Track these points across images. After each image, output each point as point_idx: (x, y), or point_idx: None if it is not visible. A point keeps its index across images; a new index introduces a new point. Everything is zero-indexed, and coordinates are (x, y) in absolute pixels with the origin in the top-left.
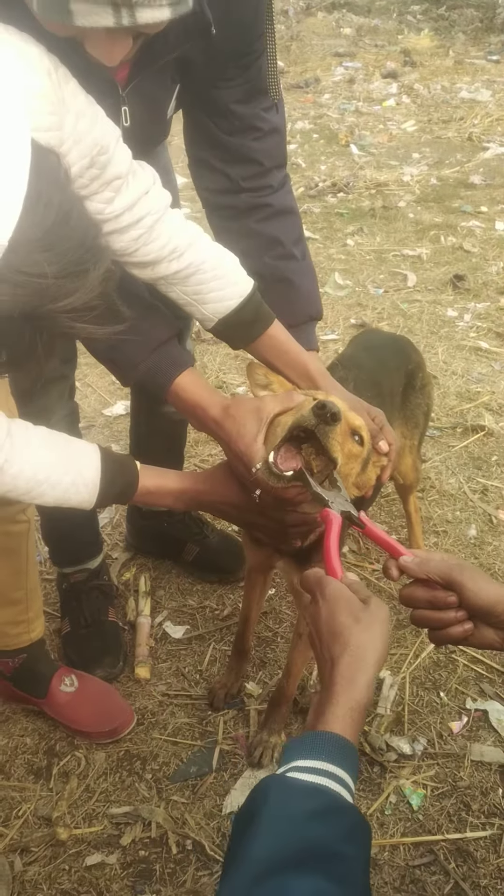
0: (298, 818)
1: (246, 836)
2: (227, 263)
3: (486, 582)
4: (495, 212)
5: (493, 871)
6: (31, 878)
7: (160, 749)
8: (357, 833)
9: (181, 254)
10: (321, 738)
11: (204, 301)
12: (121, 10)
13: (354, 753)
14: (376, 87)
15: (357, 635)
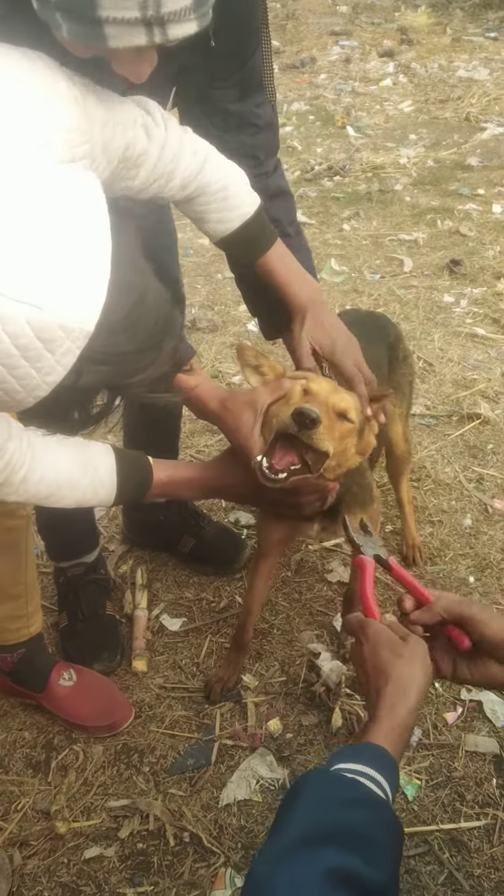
0: (336, 802)
1: (288, 812)
2: (232, 185)
3: (494, 617)
4: (492, 194)
5: (486, 860)
6: (30, 872)
7: (158, 742)
8: (388, 828)
9: (190, 181)
10: (363, 747)
11: (206, 220)
12: (153, 28)
13: (394, 765)
14: (373, 66)
15: (399, 668)
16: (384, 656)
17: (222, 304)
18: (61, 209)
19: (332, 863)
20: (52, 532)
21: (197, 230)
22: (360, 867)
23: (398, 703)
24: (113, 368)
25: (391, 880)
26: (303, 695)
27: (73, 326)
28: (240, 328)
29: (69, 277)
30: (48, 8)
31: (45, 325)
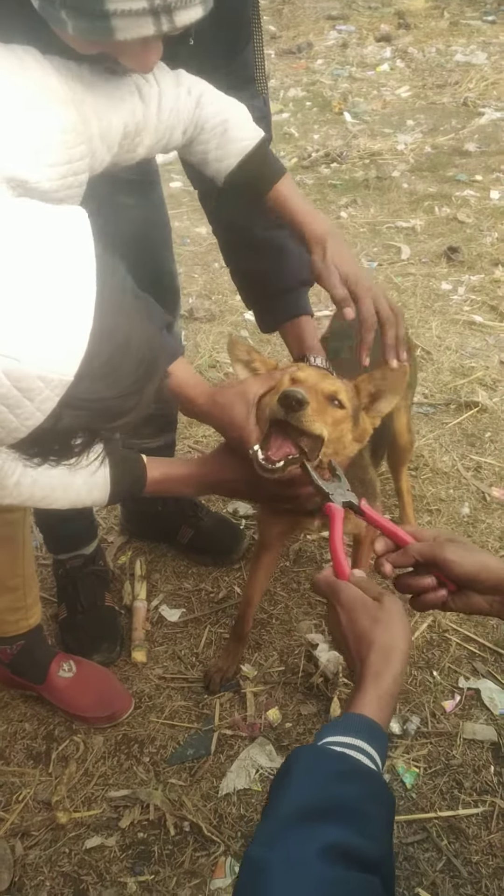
0: (326, 777)
1: (279, 791)
2: (231, 118)
3: (467, 553)
4: (490, 180)
5: (484, 847)
6: (31, 862)
7: (157, 732)
8: (380, 798)
9: (189, 122)
10: (349, 718)
11: (207, 161)
12: (160, 16)
13: (381, 733)
14: (370, 51)
15: (380, 635)
16: (363, 624)
17: (219, 294)
18: (43, 256)
19: (327, 839)
20: (49, 525)
21: (193, 219)
22: (355, 841)
23: (382, 670)
24: (93, 413)
25: (386, 851)
26: (301, 684)
27: (52, 377)
28: (237, 317)
29: (49, 328)
30: (52, 6)
31: (24, 375)
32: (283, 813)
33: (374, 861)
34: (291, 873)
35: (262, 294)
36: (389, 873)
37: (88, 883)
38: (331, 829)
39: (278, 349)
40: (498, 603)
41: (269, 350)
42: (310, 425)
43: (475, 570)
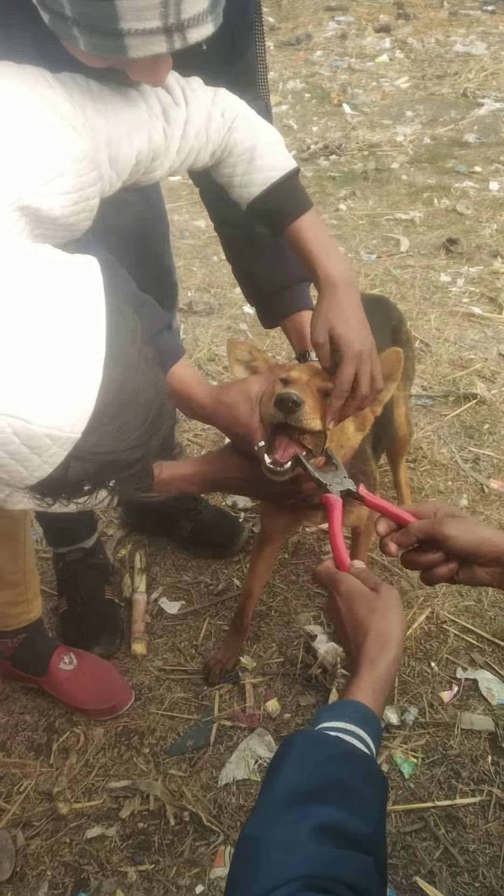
0: (320, 760)
1: (275, 774)
2: (260, 145)
3: (467, 527)
4: (489, 171)
5: (481, 836)
6: (33, 852)
7: (157, 724)
8: (372, 779)
9: (219, 146)
10: (344, 704)
11: (232, 185)
12: (173, 35)
13: (375, 720)
14: (369, 42)
15: (376, 624)
16: (360, 613)
17: (218, 287)
18: (54, 315)
19: (319, 818)
20: (49, 519)
21: (193, 212)
22: (348, 820)
23: (378, 657)
24: (100, 465)
25: (377, 831)
26: (300, 676)
27: (60, 435)
28: (236, 311)
29: (59, 389)
30: (64, 23)
31: (33, 434)
32: (277, 795)
33: (366, 840)
34: (284, 852)
35: (264, 290)
36: (381, 854)
37: (89, 872)
38: (324, 809)
39: (278, 342)
40: (499, 574)
41: (268, 343)
42: (309, 423)
43: (475, 544)
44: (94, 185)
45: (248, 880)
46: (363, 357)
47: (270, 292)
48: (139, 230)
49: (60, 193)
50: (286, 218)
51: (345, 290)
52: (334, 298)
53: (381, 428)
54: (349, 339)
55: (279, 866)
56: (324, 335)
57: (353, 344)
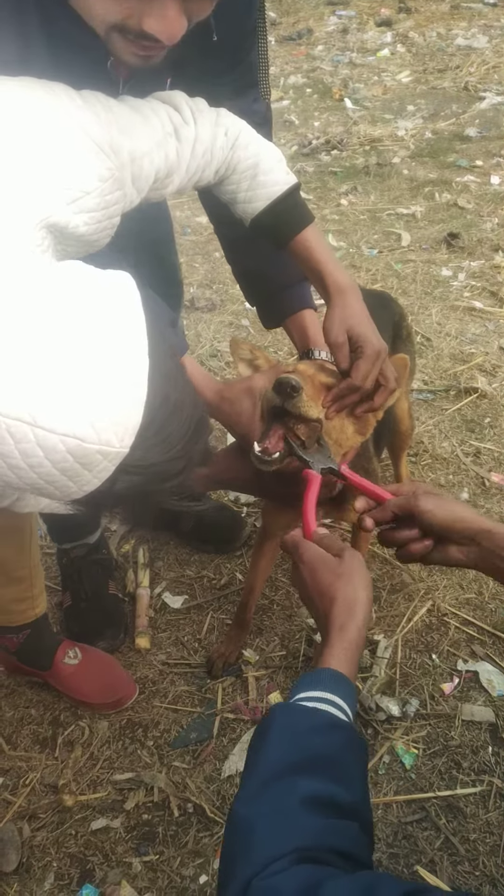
0: (301, 732)
1: (258, 750)
2: (263, 162)
3: (442, 503)
4: (490, 165)
5: (481, 825)
6: (39, 844)
7: (161, 717)
8: (353, 745)
9: (222, 164)
10: (319, 673)
11: (236, 202)
12: None
13: (350, 684)
14: (370, 36)
15: (341, 589)
16: (325, 579)
17: (220, 283)
18: (97, 331)
19: (306, 790)
20: (54, 515)
21: (194, 208)
22: (333, 789)
23: (346, 622)
24: (146, 478)
25: (362, 794)
26: (302, 668)
27: (111, 451)
28: (238, 307)
29: (109, 406)
30: None
31: (86, 452)
32: (262, 770)
33: (351, 806)
34: (275, 825)
35: (265, 290)
36: (367, 816)
37: (94, 863)
38: (309, 780)
39: (279, 338)
40: (473, 553)
41: (269, 339)
42: (305, 410)
43: (450, 520)
44: (118, 204)
45: (242, 858)
46: (381, 356)
47: (272, 292)
48: (145, 229)
49: (86, 212)
50: (291, 231)
51: (354, 295)
52: (346, 302)
53: (383, 424)
54: (368, 338)
55: (271, 841)
56: (343, 335)
57: (373, 342)
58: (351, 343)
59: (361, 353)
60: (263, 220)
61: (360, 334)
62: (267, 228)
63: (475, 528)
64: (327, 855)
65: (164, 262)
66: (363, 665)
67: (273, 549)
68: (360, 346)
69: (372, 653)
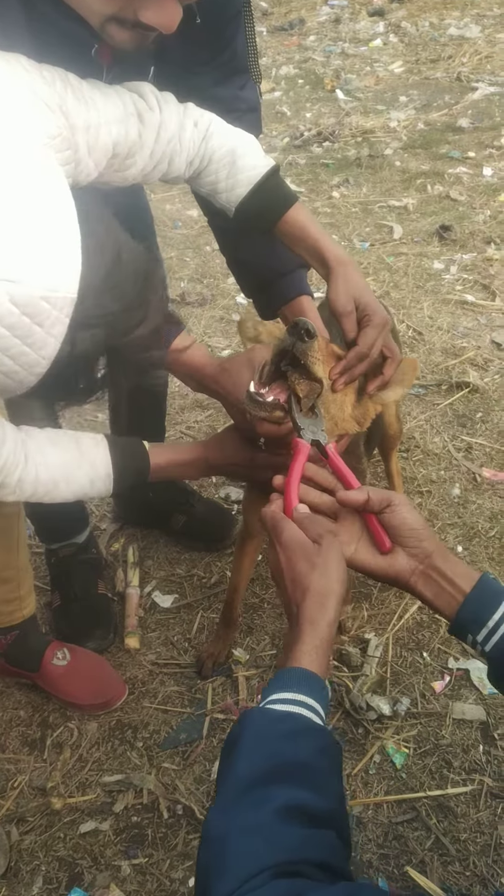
0: (273, 739)
1: (230, 759)
2: (239, 148)
3: (416, 512)
4: (483, 157)
5: (472, 825)
6: (27, 847)
7: (151, 717)
8: (327, 750)
9: (195, 154)
10: (290, 672)
11: (217, 192)
12: None
13: (322, 684)
14: (363, 26)
15: (316, 581)
16: (300, 568)
17: (211, 277)
18: (18, 181)
19: (280, 800)
20: (40, 515)
21: (185, 201)
22: (307, 796)
23: (318, 618)
24: (105, 331)
25: (337, 801)
26: None
27: (56, 296)
28: (229, 301)
29: (41, 248)
30: None
31: (28, 299)
32: (236, 780)
33: (327, 813)
34: (250, 840)
35: (260, 279)
36: (343, 822)
37: (83, 867)
38: (282, 789)
39: None
40: (419, 573)
41: None
42: (312, 362)
43: (419, 526)
44: (68, 165)
45: (217, 873)
46: (387, 326)
47: (268, 280)
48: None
49: None
50: (278, 212)
51: (354, 267)
52: (349, 273)
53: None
54: (376, 307)
55: (247, 856)
56: (351, 304)
57: (380, 311)
58: (358, 312)
59: (369, 321)
60: (248, 205)
61: (367, 303)
62: (253, 214)
63: (430, 550)
64: (305, 867)
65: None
66: (354, 664)
67: (255, 548)
68: (368, 314)
69: (363, 651)
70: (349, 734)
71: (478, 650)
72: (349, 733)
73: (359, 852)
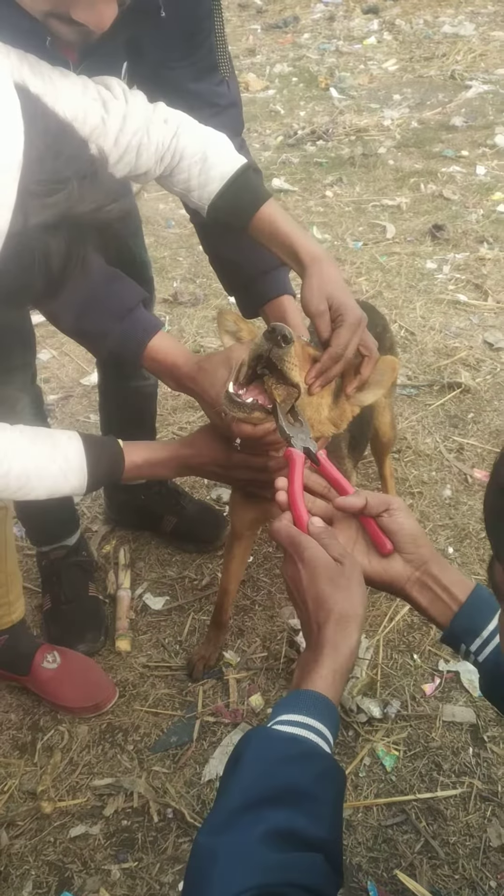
0: (275, 761)
1: (231, 776)
2: (211, 145)
3: (413, 519)
4: (476, 156)
5: (461, 828)
6: (17, 851)
7: (141, 720)
8: (328, 777)
9: (165, 150)
10: (304, 695)
11: (190, 189)
12: None
13: (335, 711)
14: (357, 24)
15: (340, 603)
16: (324, 588)
17: (204, 277)
18: None
19: (271, 823)
20: (31, 517)
21: (178, 201)
22: (301, 822)
23: (341, 642)
24: (58, 200)
25: (332, 829)
26: (284, 670)
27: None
28: (222, 301)
29: None
30: None
31: None
32: (232, 800)
33: (319, 840)
34: (236, 861)
35: (243, 276)
36: (335, 848)
37: (73, 871)
38: (276, 813)
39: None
40: (414, 580)
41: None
42: (289, 367)
43: (417, 532)
44: None
45: (202, 890)
46: (361, 324)
47: (250, 278)
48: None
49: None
50: (251, 209)
51: (329, 263)
52: (323, 270)
53: (360, 432)
54: (350, 306)
55: (231, 878)
56: (323, 303)
57: (354, 310)
58: (332, 312)
59: (342, 321)
60: (221, 202)
61: (340, 303)
62: (226, 211)
63: (427, 557)
64: (290, 890)
65: (133, 259)
66: None
67: (243, 551)
68: (341, 314)
69: None
70: (339, 736)
71: (470, 660)
72: (339, 736)
73: (348, 856)
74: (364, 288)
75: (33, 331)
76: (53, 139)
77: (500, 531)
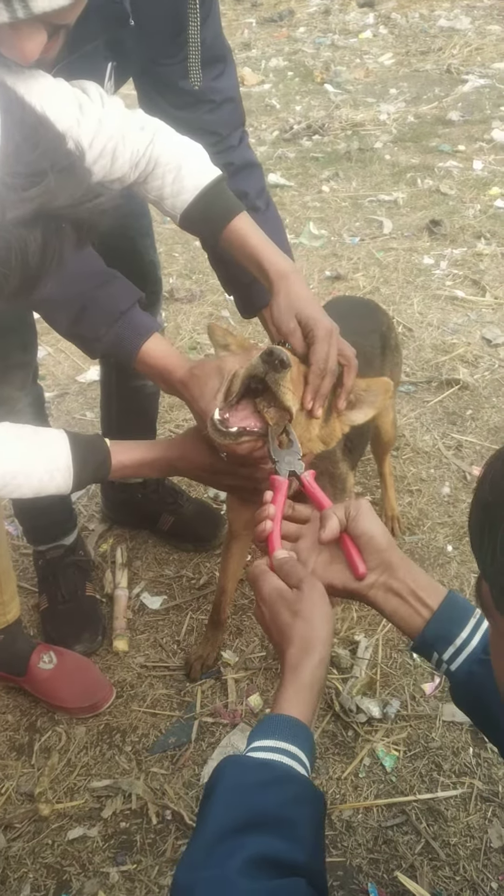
0: (248, 788)
1: (205, 808)
2: (187, 156)
3: (377, 521)
4: (473, 150)
5: (462, 829)
6: (15, 854)
7: (139, 721)
8: (303, 799)
9: (141, 156)
10: (274, 720)
11: (163, 197)
12: (12, 2)
13: (306, 730)
14: (352, 17)
15: (299, 629)
16: (283, 619)
17: (200, 273)
18: None
19: (249, 851)
20: (28, 517)
21: None
22: (279, 847)
23: (300, 663)
24: (36, 192)
25: (312, 851)
26: None
27: None
28: (218, 297)
29: None
30: None
31: None
32: (207, 831)
33: (299, 864)
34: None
35: (240, 279)
36: (318, 870)
37: (71, 874)
38: (253, 840)
39: (259, 328)
40: (379, 585)
41: (249, 330)
42: (283, 392)
43: (380, 536)
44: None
45: None
46: (334, 335)
47: (250, 279)
48: (118, 225)
49: None
50: (222, 220)
51: (296, 278)
52: (290, 287)
53: (359, 435)
54: (318, 319)
55: None
56: (293, 321)
57: (323, 322)
58: (302, 328)
59: (314, 336)
60: (193, 212)
61: (308, 317)
62: (197, 221)
63: (387, 559)
64: None
65: (142, 259)
66: (344, 666)
67: (241, 550)
68: (311, 329)
69: (352, 653)
70: (339, 737)
71: (442, 669)
72: (339, 736)
73: (348, 857)
74: (361, 284)
75: (35, 330)
76: (31, 131)
77: (484, 548)
